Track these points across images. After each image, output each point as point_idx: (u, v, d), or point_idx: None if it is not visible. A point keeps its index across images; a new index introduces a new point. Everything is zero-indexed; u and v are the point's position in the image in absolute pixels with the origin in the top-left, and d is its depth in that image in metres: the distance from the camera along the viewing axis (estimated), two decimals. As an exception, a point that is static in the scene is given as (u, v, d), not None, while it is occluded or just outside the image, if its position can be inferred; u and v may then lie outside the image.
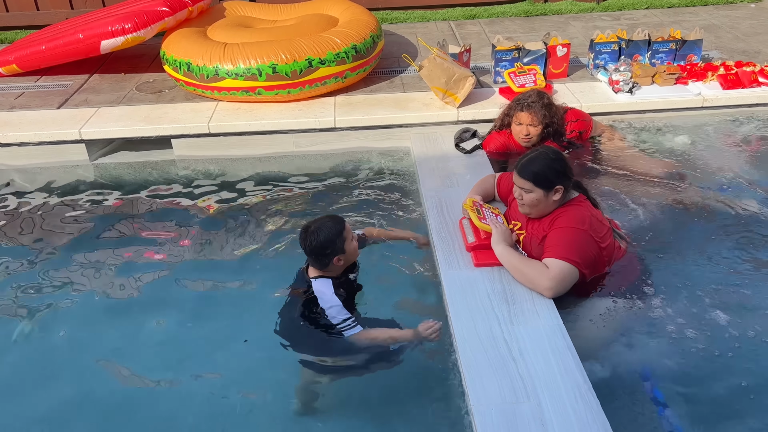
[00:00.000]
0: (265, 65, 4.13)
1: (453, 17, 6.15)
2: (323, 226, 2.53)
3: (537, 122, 3.48)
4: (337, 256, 2.54)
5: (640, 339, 2.52)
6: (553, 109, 3.53)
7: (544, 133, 3.52)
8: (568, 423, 2.07)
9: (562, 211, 2.69)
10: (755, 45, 5.09)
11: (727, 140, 4.04)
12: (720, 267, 2.91)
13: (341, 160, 4.12)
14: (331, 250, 2.52)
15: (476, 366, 2.30)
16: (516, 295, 2.61)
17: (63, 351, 2.82)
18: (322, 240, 2.50)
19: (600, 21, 5.87)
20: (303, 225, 2.61)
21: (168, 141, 4.20)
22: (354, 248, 2.62)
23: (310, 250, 2.53)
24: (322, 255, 2.53)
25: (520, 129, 3.53)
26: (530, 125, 3.49)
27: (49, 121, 4.26)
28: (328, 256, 2.53)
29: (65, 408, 2.56)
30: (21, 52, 4.79)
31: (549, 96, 3.59)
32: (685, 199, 3.37)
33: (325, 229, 2.52)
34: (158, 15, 4.49)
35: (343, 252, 2.55)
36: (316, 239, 2.50)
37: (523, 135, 3.53)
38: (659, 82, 4.31)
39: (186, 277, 3.17)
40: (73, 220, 3.67)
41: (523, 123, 3.51)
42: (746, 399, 2.31)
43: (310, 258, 2.60)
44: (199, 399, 2.57)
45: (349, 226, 2.60)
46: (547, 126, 3.51)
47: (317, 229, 2.52)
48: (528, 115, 3.48)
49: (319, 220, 2.59)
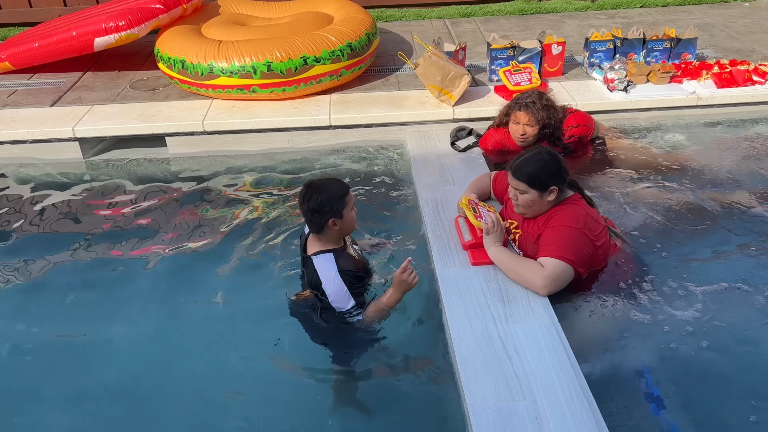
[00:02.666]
0: (260, 63, 4.12)
1: (448, 15, 6.15)
2: (327, 184, 2.47)
3: (534, 122, 3.47)
4: (333, 219, 2.45)
5: (636, 337, 2.52)
6: (552, 111, 3.53)
7: (541, 134, 3.52)
8: (563, 421, 2.08)
9: (557, 210, 2.69)
10: (749, 44, 5.10)
11: (722, 139, 4.05)
12: (716, 265, 2.93)
13: (336, 159, 4.11)
14: (329, 209, 2.42)
15: (472, 364, 2.30)
16: (511, 293, 2.61)
17: (60, 349, 2.81)
18: (323, 197, 2.42)
19: (595, 19, 5.88)
20: (306, 180, 2.54)
21: (162, 139, 4.18)
22: (353, 218, 2.52)
23: (309, 205, 2.44)
24: (318, 213, 2.43)
25: (517, 128, 3.53)
26: (527, 125, 3.49)
27: (42, 119, 4.24)
28: (324, 215, 2.43)
29: (64, 407, 2.55)
30: (14, 49, 4.76)
31: (549, 97, 3.59)
32: (681, 198, 3.38)
33: (328, 188, 2.45)
34: (152, 12, 4.47)
35: (341, 217, 2.46)
36: (318, 195, 2.42)
37: (519, 134, 3.53)
38: (654, 81, 4.32)
39: (180, 274, 3.16)
40: (66, 217, 3.65)
41: (521, 122, 3.50)
42: (743, 398, 2.32)
43: (305, 216, 2.51)
44: (193, 394, 2.57)
45: (352, 194, 2.53)
46: (544, 127, 3.50)
47: (320, 186, 2.45)
48: (526, 114, 3.47)
49: (324, 179, 2.53)
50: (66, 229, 3.56)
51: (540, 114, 3.46)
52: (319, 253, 2.54)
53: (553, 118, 3.52)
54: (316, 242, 2.57)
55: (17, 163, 4.18)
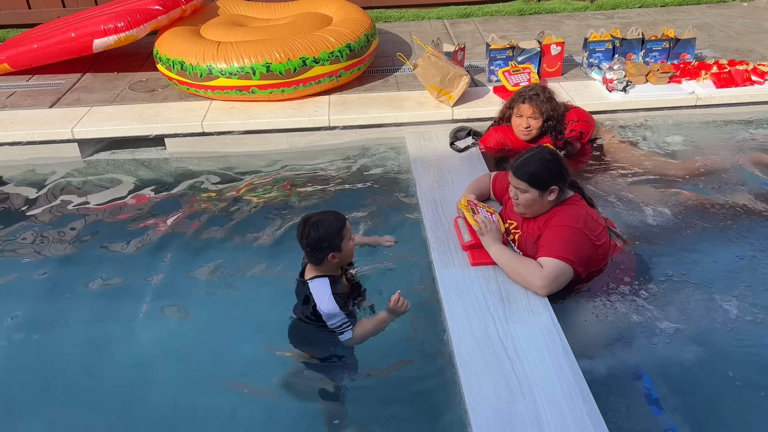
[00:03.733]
0: (259, 64, 4.12)
1: (447, 16, 6.15)
2: (324, 219, 2.47)
3: (538, 115, 3.48)
4: (333, 253, 2.48)
5: (636, 337, 2.52)
6: (555, 103, 3.54)
7: (544, 126, 3.52)
8: (563, 421, 2.08)
9: (557, 210, 2.69)
10: (748, 43, 5.11)
11: (721, 139, 4.05)
12: (715, 265, 2.92)
13: (335, 159, 4.11)
14: (327, 245, 2.45)
15: (472, 365, 2.30)
16: (511, 293, 2.61)
17: (59, 348, 2.80)
18: (321, 234, 2.43)
19: (594, 20, 5.88)
20: (303, 216, 2.54)
21: (161, 140, 4.18)
22: (350, 248, 2.57)
23: (307, 242, 2.45)
24: (317, 249, 2.46)
25: (521, 121, 3.53)
26: (531, 117, 3.49)
27: (41, 121, 4.23)
28: (323, 251, 2.46)
29: (64, 406, 2.56)
30: (13, 50, 4.76)
31: (551, 91, 3.59)
32: (680, 198, 3.38)
33: (325, 224, 2.45)
34: (151, 13, 4.46)
35: (339, 250, 2.49)
36: (315, 232, 2.43)
37: (523, 127, 3.53)
38: (653, 81, 4.32)
39: (177, 275, 3.15)
40: (65, 219, 3.65)
41: (524, 115, 3.51)
42: (741, 398, 2.32)
43: (305, 251, 2.53)
44: (190, 397, 2.57)
45: (349, 225, 2.54)
46: (547, 120, 3.51)
47: (317, 222, 2.45)
48: (530, 107, 3.48)
49: (321, 213, 2.51)
50: (64, 230, 3.55)
51: (544, 106, 3.47)
52: (315, 278, 2.55)
53: (556, 110, 3.54)
54: (314, 270, 2.58)
55: (16, 164, 4.17)
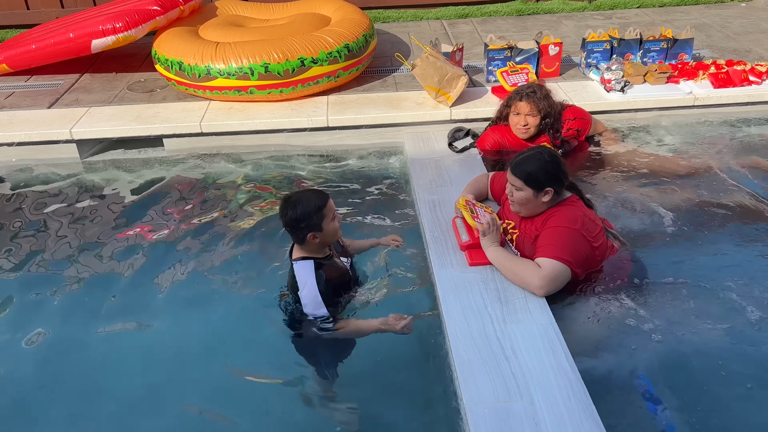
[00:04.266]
0: (257, 64, 4.12)
1: (445, 16, 6.16)
2: (303, 198, 2.46)
3: (536, 112, 3.49)
4: (313, 233, 2.45)
5: (633, 337, 2.52)
6: (551, 101, 3.55)
7: (542, 124, 3.53)
8: (560, 421, 2.08)
9: (554, 210, 2.70)
10: (746, 44, 5.11)
11: (719, 139, 4.06)
12: (713, 265, 2.93)
13: (334, 160, 4.12)
14: (306, 224, 2.43)
15: (469, 365, 2.30)
16: (509, 294, 2.61)
17: (60, 347, 2.81)
18: (299, 213, 2.42)
19: (592, 20, 5.88)
20: (285, 195, 2.53)
21: (160, 140, 4.19)
22: (334, 228, 2.51)
23: (286, 221, 2.45)
24: (296, 228, 2.45)
25: (519, 119, 3.54)
26: (529, 115, 3.50)
27: (39, 121, 4.24)
28: (302, 230, 2.44)
29: (63, 406, 2.55)
30: (11, 51, 4.76)
31: (548, 89, 3.60)
32: (677, 198, 3.39)
33: (304, 202, 2.43)
34: (149, 14, 4.47)
35: (320, 230, 2.45)
36: (293, 211, 2.42)
37: (521, 125, 3.54)
38: (651, 81, 4.32)
39: (177, 274, 3.15)
40: (63, 219, 3.65)
41: (522, 113, 3.51)
42: (739, 397, 2.32)
43: (286, 230, 2.52)
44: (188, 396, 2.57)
45: (332, 204, 2.50)
46: (545, 117, 3.51)
47: (296, 201, 2.45)
48: (527, 104, 3.48)
49: (302, 191, 2.51)
50: (62, 231, 3.55)
51: (541, 103, 3.48)
52: (300, 259, 2.55)
53: (553, 108, 3.55)
54: (300, 251, 2.58)
55: (14, 165, 4.18)
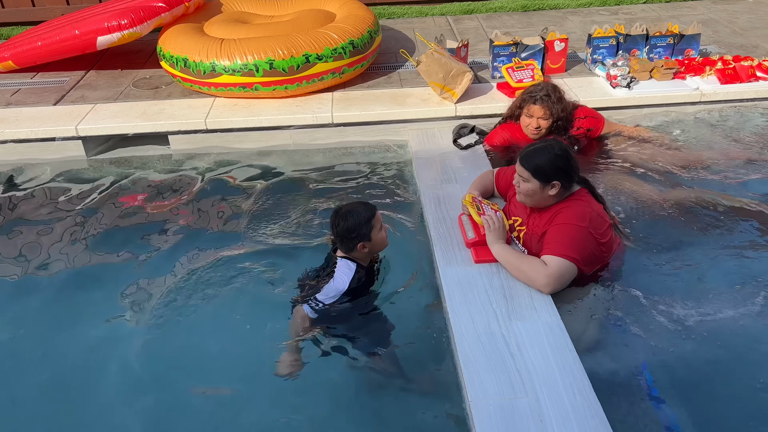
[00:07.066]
0: (262, 61, 4.12)
1: (450, 12, 6.14)
2: (353, 210, 2.62)
3: (549, 116, 3.49)
4: (362, 243, 2.61)
5: (638, 334, 2.52)
6: (565, 103, 3.55)
7: (553, 126, 3.53)
8: (565, 418, 2.08)
9: (562, 206, 2.69)
10: (753, 39, 5.08)
11: (725, 135, 4.04)
12: (719, 262, 2.91)
13: (338, 156, 4.11)
14: (356, 235, 2.59)
15: (474, 362, 2.30)
16: (514, 290, 2.61)
17: (63, 346, 2.81)
18: (350, 224, 2.58)
19: (598, 15, 5.86)
20: (335, 207, 2.72)
21: (165, 137, 4.19)
22: (381, 238, 2.68)
23: (337, 231, 2.62)
24: (347, 239, 2.61)
25: (531, 121, 3.53)
26: (541, 118, 3.50)
27: (45, 118, 4.25)
28: (353, 240, 2.61)
29: (64, 405, 2.57)
30: (17, 48, 4.77)
31: (561, 90, 3.59)
32: (684, 195, 3.37)
33: (354, 214, 2.60)
34: (155, 11, 4.47)
35: (369, 240, 2.62)
36: (344, 222, 2.59)
37: (533, 128, 3.54)
38: (657, 77, 4.30)
39: (183, 271, 3.16)
40: (68, 216, 3.66)
41: (535, 116, 3.51)
42: (742, 394, 2.32)
43: (336, 240, 2.68)
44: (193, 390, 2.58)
45: (379, 216, 2.67)
46: (557, 120, 3.51)
47: (347, 213, 2.61)
48: (541, 108, 3.48)
49: (351, 204, 2.68)
50: (67, 227, 3.56)
51: (555, 107, 3.47)
52: (346, 258, 2.68)
53: (566, 110, 3.55)
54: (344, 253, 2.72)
55: (20, 162, 4.19)
